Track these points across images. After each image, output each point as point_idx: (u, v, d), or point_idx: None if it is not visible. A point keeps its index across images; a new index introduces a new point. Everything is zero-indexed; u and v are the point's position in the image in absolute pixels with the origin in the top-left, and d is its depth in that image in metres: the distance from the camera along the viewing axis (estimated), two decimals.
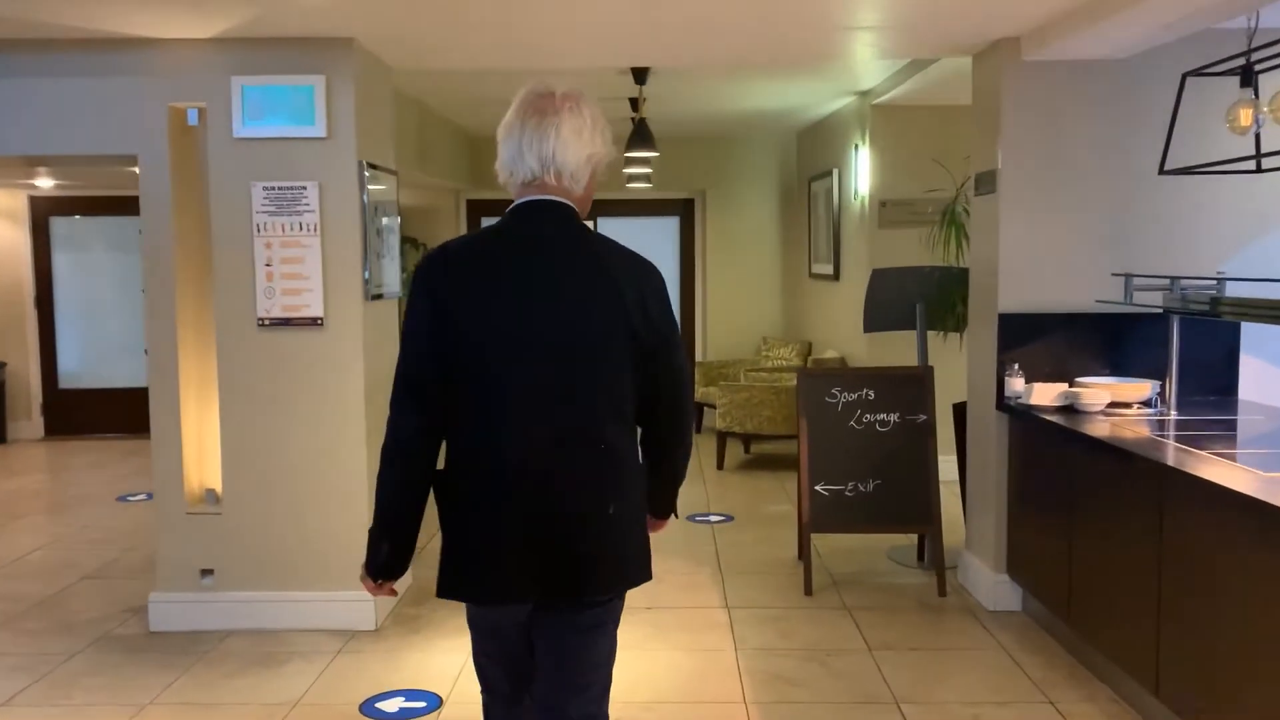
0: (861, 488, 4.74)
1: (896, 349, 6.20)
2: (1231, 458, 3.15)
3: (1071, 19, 3.87)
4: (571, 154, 2.01)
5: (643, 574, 2.15)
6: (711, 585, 4.80)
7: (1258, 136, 3.54)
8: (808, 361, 8.26)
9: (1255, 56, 3.41)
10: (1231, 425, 3.85)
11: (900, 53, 5.04)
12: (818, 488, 4.75)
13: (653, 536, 2.25)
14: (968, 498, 4.80)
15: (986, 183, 4.46)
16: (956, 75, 5.65)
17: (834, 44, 4.59)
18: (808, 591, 4.64)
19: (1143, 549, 3.23)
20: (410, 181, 8.01)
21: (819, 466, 4.75)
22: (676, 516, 2.35)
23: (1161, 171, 3.72)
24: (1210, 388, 4.26)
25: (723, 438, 7.39)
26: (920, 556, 5.13)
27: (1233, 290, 3.75)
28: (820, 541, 5.23)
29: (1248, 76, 3.44)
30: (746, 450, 7.91)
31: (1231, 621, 2.77)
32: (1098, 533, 3.57)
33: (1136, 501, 3.28)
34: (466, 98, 7.06)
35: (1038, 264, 4.31)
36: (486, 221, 9.43)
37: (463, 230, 9.28)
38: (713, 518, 6.00)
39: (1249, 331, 4.31)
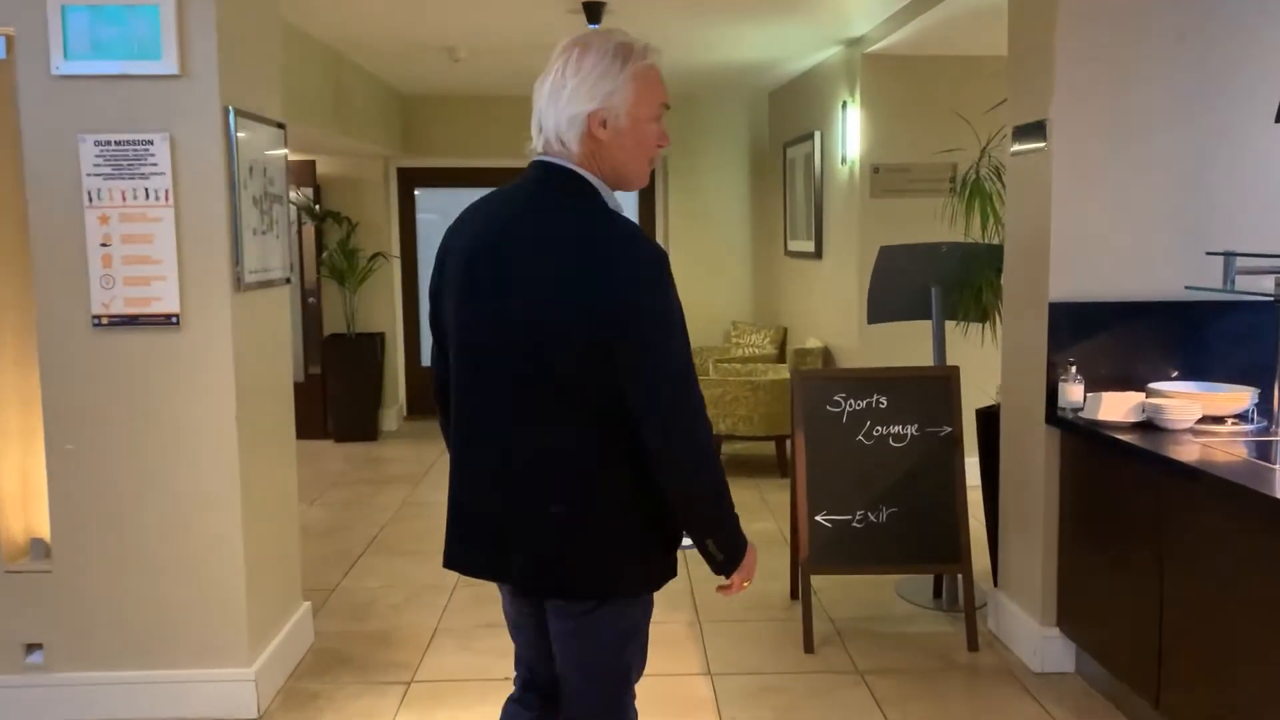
0: (872, 517, 3.84)
1: (894, 340, 5.31)
2: None
3: None
4: (550, 115, 1.85)
5: (595, 586, 1.90)
6: (688, 640, 3.88)
7: None
8: (785, 351, 7.37)
9: None
10: None
11: None
12: (819, 518, 3.84)
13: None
14: (1001, 527, 3.92)
15: (1031, 137, 3.56)
16: (967, 17, 4.77)
17: None
18: (808, 648, 3.74)
19: None
20: (328, 147, 6.97)
21: (820, 491, 3.84)
22: (724, 572, 2.01)
23: None
24: None
25: None
26: (937, 593, 4.26)
27: None
28: (817, 578, 4.33)
29: None
30: (718, 451, 6.99)
31: None
32: (1208, 593, 2.70)
33: (1271, 558, 2.40)
34: (393, 47, 6.02)
35: (1102, 239, 3.42)
36: (420, 193, 8.41)
37: (392, 203, 8.23)
38: (685, 542, 5.06)
39: None
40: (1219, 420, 3.17)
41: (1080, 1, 3.35)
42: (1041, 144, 3.48)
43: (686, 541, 2.00)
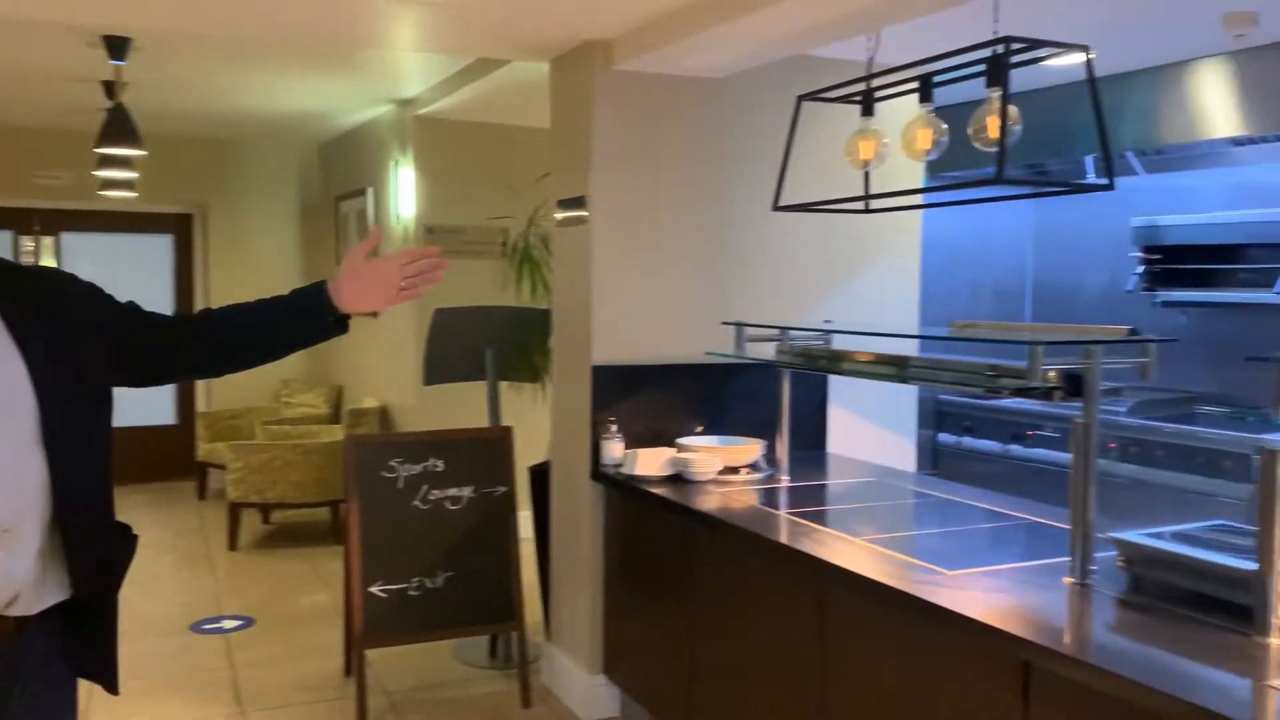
0: (429, 583, 3.79)
1: (452, 399, 5.34)
2: (852, 534, 2.71)
3: (660, 27, 3.33)
4: None
5: None
6: None
7: (866, 175, 3.21)
8: (341, 411, 7.13)
9: (875, 84, 3.05)
10: (852, 494, 3.50)
11: (458, 47, 4.21)
12: (373, 589, 3.71)
13: (136, 653, 1.91)
14: (551, 582, 4.06)
15: (573, 210, 3.78)
16: (515, 89, 4.98)
17: (369, 22, 3.58)
18: None
19: (797, 647, 2.66)
20: None
21: (375, 561, 3.73)
22: None
23: (776, 207, 3.27)
24: (805, 442, 3.92)
25: (235, 509, 6.00)
26: (493, 652, 4.30)
27: (837, 341, 3.41)
28: (375, 651, 4.18)
29: (869, 105, 3.08)
30: (266, 520, 6.56)
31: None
32: (729, 629, 2.98)
33: (778, 592, 2.72)
34: None
35: (637, 307, 3.70)
36: None
37: None
38: (225, 624, 4.67)
39: (833, 381, 4.06)
40: (735, 470, 3.55)
41: (615, 82, 3.63)
42: (583, 217, 3.70)
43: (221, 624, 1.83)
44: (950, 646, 2.17)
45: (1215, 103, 3.98)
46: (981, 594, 2.21)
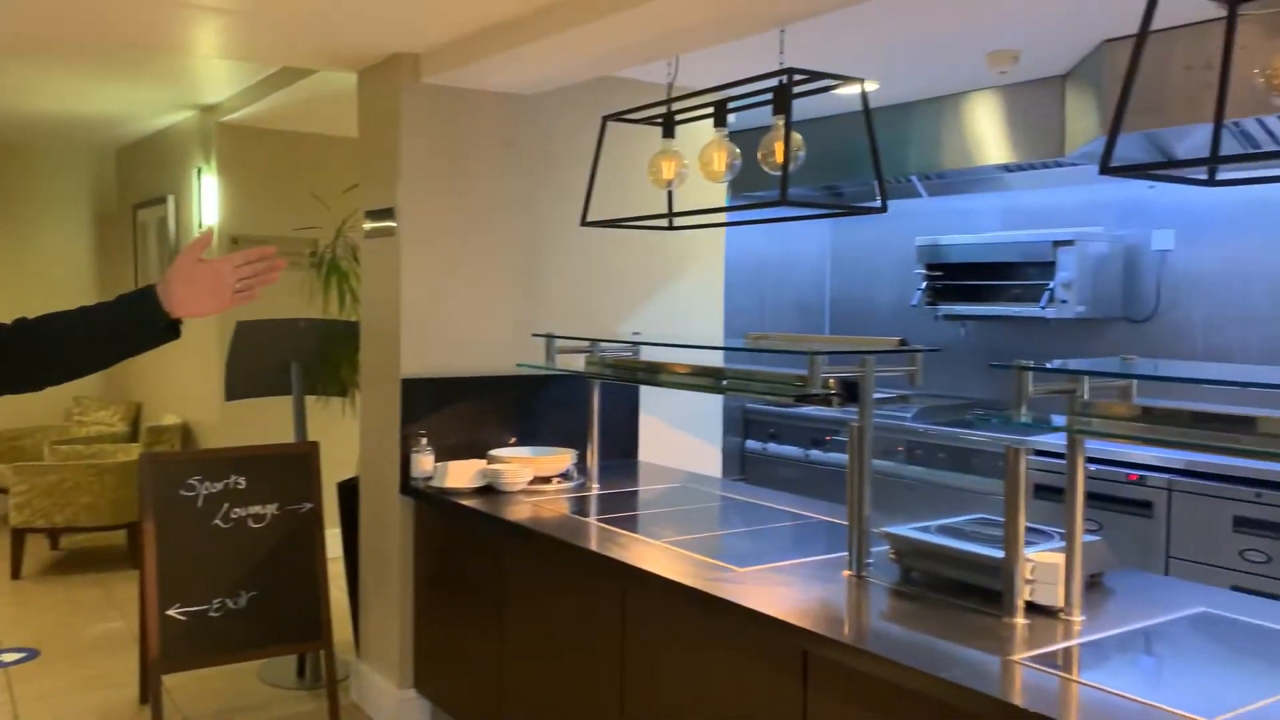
0: (231, 604, 3.67)
1: (259, 416, 5.18)
2: (656, 537, 2.83)
3: (467, 44, 3.37)
4: None
5: None
6: None
7: (670, 194, 3.35)
8: (139, 429, 6.77)
9: (676, 107, 3.19)
10: (659, 500, 3.61)
11: (263, 55, 4.11)
12: (170, 612, 3.56)
13: None
14: (361, 598, 4.00)
15: (381, 222, 3.75)
16: (324, 98, 4.91)
17: (166, 28, 3.45)
18: None
19: (601, 648, 2.74)
20: None
21: (173, 584, 3.58)
22: None
23: (584, 223, 3.35)
24: (616, 450, 4.03)
25: (20, 535, 5.61)
26: (301, 672, 4.20)
27: (645, 351, 3.53)
28: (173, 676, 4.00)
29: (669, 128, 3.21)
30: (55, 545, 6.16)
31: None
32: (541, 637, 3.03)
33: (584, 596, 2.79)
34: None
35: (447, 319, 3.71)
36: None
37: None
38: (5, 657, 4.36)
39: (644, 391, 4.19)
40: (547, 480, 3.60)
41: (423, 95, 3.64)
42: (391, 229, 3.68)
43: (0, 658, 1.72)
44: (736, 638, 2.29)
45: (987, 132, 4.34)
46: (767, 589, 2.35)
